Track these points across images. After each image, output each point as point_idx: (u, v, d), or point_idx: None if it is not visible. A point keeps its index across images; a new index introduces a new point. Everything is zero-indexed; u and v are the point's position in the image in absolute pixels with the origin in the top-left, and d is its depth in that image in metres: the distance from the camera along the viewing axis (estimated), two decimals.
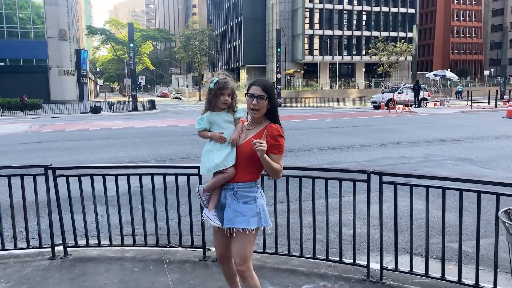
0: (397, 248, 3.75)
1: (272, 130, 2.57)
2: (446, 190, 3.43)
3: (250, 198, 2.66)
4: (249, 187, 2.67)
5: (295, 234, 4.83)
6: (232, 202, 2.66)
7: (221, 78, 2.63)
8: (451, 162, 9.17)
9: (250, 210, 2.63)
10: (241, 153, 2.66)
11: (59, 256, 4.37)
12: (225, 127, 2.70)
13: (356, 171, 3.74)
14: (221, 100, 2.62)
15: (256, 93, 2.59)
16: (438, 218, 5.07)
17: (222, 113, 2.68)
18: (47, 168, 4.23)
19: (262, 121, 2.69)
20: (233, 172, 2.65)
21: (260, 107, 2.60)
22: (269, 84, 2.64)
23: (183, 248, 4.37)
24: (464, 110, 26.06)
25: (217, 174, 2.68)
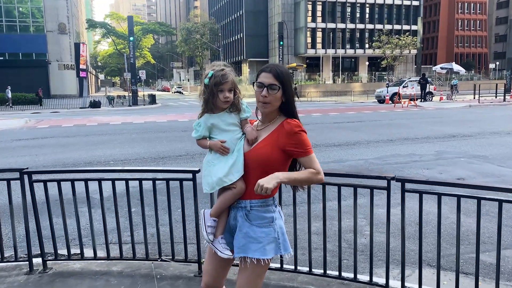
0: (422, 264, 3.25)
1: (291, 127, 2.05)
2: (472, 199, 2.92)
3: (267, 219, 2.11)
4: (265, 205, 2.12)
5: (302, 243, 4.36)
6: (243, 225, 2.12)
7: (217, 71, 2.10)
8: (465, 160, 8.65)
9: (266, 235, 2.08)
10: (252, 161, 2.09)
11: (37, 270, 3.89)
12: (228, 131, 2.16)
13: (374, 177, 3.23)
14: (220, 98, 2.09)
15: (266, 82, 2.06)
16: (466, 228, 4.56)
17: (224, 114, 2.16)
18: (23, 172, 3.74)
19: (275, 118, 2.15)
20: (243, 186, 2.10)
21: (272, 99, 2.06)
22: (284, 71, 2.10)
23: (176, 262, 3.88)
24: (472, 104, 25.44)
25: (223, 191, 2.15)
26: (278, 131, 2.08)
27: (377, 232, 4.67)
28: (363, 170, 7.78)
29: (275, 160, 2.06)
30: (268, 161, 2.04)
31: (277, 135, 2.07)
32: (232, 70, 2.16)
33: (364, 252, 4.37)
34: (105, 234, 3.86)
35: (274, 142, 2.07)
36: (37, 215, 3.83)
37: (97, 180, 3.75)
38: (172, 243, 3.83)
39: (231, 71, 2.14)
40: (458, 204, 2.95)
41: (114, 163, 9.14)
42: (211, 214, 2.17)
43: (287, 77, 2.10)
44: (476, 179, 7.11)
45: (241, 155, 2.10)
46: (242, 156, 2.10)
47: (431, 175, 7.43)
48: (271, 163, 2.04)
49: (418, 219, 3.13)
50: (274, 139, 2.07)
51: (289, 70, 2.20)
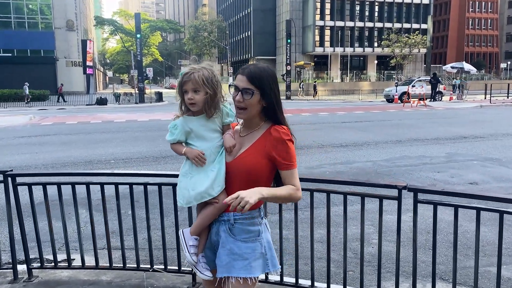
0: (435, 278, 2.96)
1: (280, 134, 1.82)
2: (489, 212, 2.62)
3: (253, 233, 1.91)
4: (250, 218, 1.91)
5: (304, 251, 4.09)
6: (227, 240, 1.90)
7: (186, 71, 1.88)
8: (478, 163, 8.29)
9: (252, 251, 1.88)
10: (236, 170, 1.87)
11: (22, 278, 3.66)
12: (208, 138, 1.92)
13: (384, 186, 2.93)
14: (185, 99, 1.89)
15: (240, 85, 1.82)
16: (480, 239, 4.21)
17: (202, 118, 1.91)
18: (6, 174, 3.50)
19: (260, 124, 1.92)
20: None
21: (247, 104, 1.83)
22: (262, 72, 1.83)
23: (168, 273, 3.62)
24: (483, 104, 24.91)
25: (204, 206, 1.93)
26: (265, 138, 1.86)
27: (384, 240, 4.38)
28: (371, 178, 7.47)
29: (262, 170, 1.86)
30: (254, 171, 1.84)
31: (264, 142, 1.86)
32: (205, 68, 1.89)
33: (371, 262, 4.08)
34: (93, 242, 3.60)
35: (261, 150, 1.85)
36: (22, 220, 3.60)
37: (84, 184, 3.50)
38: (165, 252, 3.57)
39: (200, 69, 1.87)
40: (478, 217, 2.65)
41: (115, 162, 8.93)
42: (191, 232, 1.95)
43: (267, 80, 1.83)
44: (490, 183, 6.77)
45: (223, 166, 1.88)
46: (224, 168, 1.88)
47: (442, 179, 7.10)
48: (257, 173, 1.84)
49: (432, 232, 2.83)
50: (261, 147, 1.85)
51: (273, 70, 1.91)
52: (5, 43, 48.57)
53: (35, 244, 3.68)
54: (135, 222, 3.52)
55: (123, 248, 3.60)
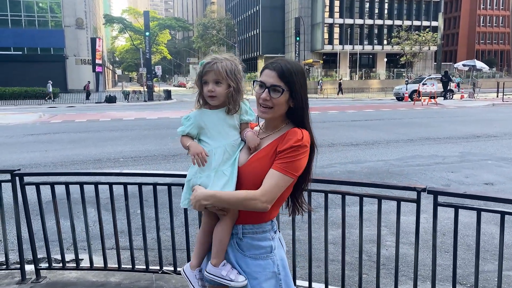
0: (456, 283, 2.84)
1: (293, 134, 1.61)
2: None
3: (264, 249, 1.69)
4: (261, 232, 1.69)
5: (316, 254, 3.99)
6: (235, 256, 1.71)
7: (207, 60, 1.71)
8: (493, 163, 8.11)
9: (263, 270, 1.67)
10: (247, 175, 1.65)
11: (30, 279, 3.61)
12: (224, 135, 1.72)
13: (402, 187, 2.81)
14: (204, 91, 1.70)
15: (268, 82, 1.61)
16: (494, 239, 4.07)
17: (221, 112, 1.72)
18: (14, 174, 3.44)
19: (281, 126, 1.72)
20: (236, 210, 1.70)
21: (275, 103, 1.62)
22: (293, 68, 1.63)
23: (178, 275, 3.54)
24: (495, 102, 24.54)
25: (215, 225, 1.74)
26: (279, 141, 1.64)
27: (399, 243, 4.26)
28: (384, 178, 7.33)
29: None
30: (263, 176, 1.60)
31: (277, 144, 1.64)
32: (230, 59, 1.72)
33: (385, 265, 3.97)
34: (102, 242, 3.54)
35: (273, 153, 1.63)
36: (30, 219, 3.55)
37: (93, 184, 3.43)
38: (174, 254, 3.49)
39: (223, 59, 1.70)
40: (502, 222, 2.52)
41: (123, 160, 8.89)
42: (215, 264, 1.70)
43: (298, 77, 1.63)
44: (506, 184, 6.60)
45: (236, 169, 1.68)
46: (236, 171, 1.68)
47: (456, 179, 6.94)
48: None
49: (453, 236, 2.71)
50: (273, 150, 1.64)
51: (304, 66, 1.70)
52: (16, 41, 48.98)
53: (43, 244, 3.62)
54: (144, 222, 3.44)
55: (132, 248, 3.53)
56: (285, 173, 1.59)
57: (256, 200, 1.56)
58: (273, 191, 1.58)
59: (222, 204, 1.61)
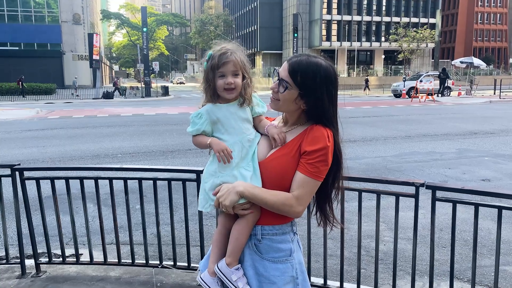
0: (453, 277, 2.87)
1: (319, 133, 1.52)
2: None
3: (283, 252, 1.61)
4: (281, 233, 1.61)
5: (315, 249, 4.02)
6: (252, 258, 1.62)
7: (216, 50, 1.60)
8: (490, 160, 8.16)
9: (281, 274, 1.59)
10: (269, 171, 1.56)
11: (30, 273, 3.62)
12: (239, 129, 1.62)
13: (401, 183, 2.84)
14: (220, 85, 1.58)
15: (280, 74, 1.55)
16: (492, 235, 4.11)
17: (234, 106, 1.63)
18: (14, 168, 3.45)
19: (300, 122, 1.62)
20: (259, 209, 1.58)
21: (280, 98, 1.56)
22: (308, 68, 1.52)
23: (178, 269, 3.56)
24: (492, 100, 24.62)
25: (234, 222, 1.62)
26: (302, 137, 1.55)
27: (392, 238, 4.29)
28: (385, 174, 7.36)
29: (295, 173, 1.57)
30: (287, 176, 1.53)
31: (300, 140, 1.55)
32: (239, 49, 1.63)
33: (383, 260, 4.00)
34: (102, 237, 3.55)
35: (296, 152, 1.54)
36: (30, 214, 3.55)
37: (93, 179, 3.44)
38: (174, 248, 3.51)
39: (236, 49, 1.61)
40: (499, 216, 2.55)
41: (122, 156, 8.89)
42: (229, 264, 1.60)
43: (315, 78, 1.51)
44: (503, 180, 6.65)
45: (257, 164, 1.58)
46: (258, 166, 1.57)
47: (454, 175, 6.98)
48: (290, 178, 1.53)
49: (451, 231, 2.74)
50: (296, 147, 1.55)
51: (330, 68, 1.57)
52: (12, 36, 48.70)
53: (43, 238, 3.64)
54: (144, 217, 3.46)
55: (132, 243, 3.55)
56: (316, 178, 1.52)
57: (293, 207, 1.52)
58: (308, 198, 1.54)
59: (258, 201, 1.52)
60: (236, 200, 1.51)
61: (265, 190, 1.53)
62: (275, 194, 1.52)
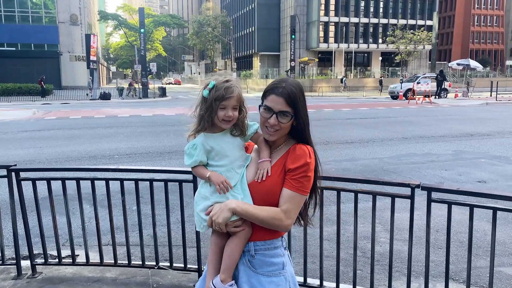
0: (448, 278, 2.88)
1: (301, 151, 1.64)
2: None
3: (276, 266, 1.68)
4: (273, 248, 1.69)
5: (311, 250, 4.03)
6: (247, 274, 1.68)
7: (221, 82, 1.66)
8: (486, 161, 8.19)
9: (276, 287, 1.66)
10: (258, 191, 1.66)
11: (25, 274, 3.61)
12: (231, 156, 1.71)
13: (396, 184, 2.85)
14: (219, 115, 1.66)
15: (276, 108, 1.64)
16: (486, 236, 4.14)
17: (226, 135, 1.73)
18: (10, 169, 3.44)
19: (283, 143, 1.74)
20: (250, 227, 1.66)
21: (282, 127, 1.66)
22: (297, 91, 1.67)
23: (174, 270, 3.56)
24: (489, 101, 24.72)
25: (227, 241, 1.69)
26: (285, 157, 1.68)
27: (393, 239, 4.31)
28: (379, 175, 7.38)
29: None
30: (274, 194, 1.63)
31: (284, 160, 1.67)
32: (238, 81, 1.73)
33: (379, 261, 4.02)
34: (98, 238, 3.55)
35: (282, 170, 1.66)
36: (26, 215, 3.54)
37: (89, 180, 3.44)
38: (170, 250, 3.51)
39: (237, 83, 1.70)
40: (494, 217, 2.57)
41: (118, 157, 8.88)
42: (223, 280, 1.66)
43: (301, 99, 1.67)
44: (499, 182, 6.68)
45: (246, 185, 1.68)
46: (247, 187, 1.68)
47: (450, 176, 7.01)
48: (277, 196, 1.63)
49: (446, 232, 2.75)
50: (281, 167, 1.67)
51: (301, 84, 1.75)
52: (9, 37, 48.57)
53: (39, 239, 3.63)
54: (140, 218, 3.46)
55: (128, 244, 3.55)
56: (301, 192, 1.63)
57: (282, 221, 1.61)
58: (295, 211, 1.64)
59: (249, 217, 1.61)
60: (229, 217, 1.59)
61: (255, 206, 1.62)
62: (265, 209, 1.61)
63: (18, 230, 3.57)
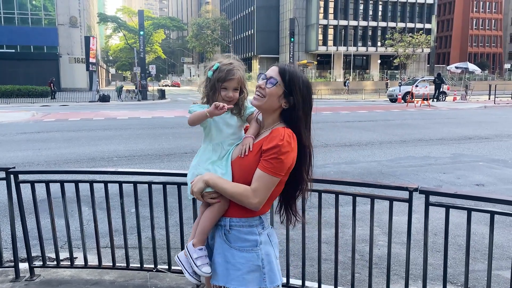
0: (446, 281, 2.89)
1: (276, 133, 1.69)
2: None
3: (249, 242, 1.77)
4: (248, 226, 1.78)
5: (310, 253, 4.03)
6: (223, 247, 1.80)
7: (224, 64, 1.79)
8: (484, 164, 8.21)
9: (246, 261, 1.75)
10: (236, 170, 1.76)
11: (24, 277, 3.61)
12: (224, 133, 1.83)
13: (394, 187, 2.86)
14: (221, 96, 1.79)
15: (269, 74, 1.76)
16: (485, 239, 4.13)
17: (226, 113, 1.82)
18: (9, 171, 3.44)
19: (273, 125, 1.79)
20: (227, 200, 1.77)
21: (267, 93, 1.72)
22: (294, 73, 1.74)
23: (172, 273, 3.56)
24: (487, 105, 24.78)
25: (204, 210, 1.83)
26: (265, 139, 1.73)
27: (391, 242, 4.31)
28: (377, 178, 7.39)
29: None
30: (250, 172, 1.71)
31: (263, 142, 1.73)
32: (241, 65, 1.85)
33: (377, 264, 4.02)
34: (96, 241, 3.55)
35: (259, 150, 1.72)
36: (24, 217, 3.54)
37: (88, 182, 3.44)
38: (169, 252, 3.51)
39: (240, 66, 1.82)
40: (492, 221, 2.58)
41: (117, 159, 8.88)
42: (195, 244, 1.81)
43: (298, 81, 1.73)
44: (497, 185, 6.69)
45: (229, 163, 1.79)
46: (230, 165, 1.79)
47: (448, 180, 7.02)
48: (253, 173, 1.71)
49: (444, 235, 2.76)
50: (259, 147, 1.73)
51: (309, 80, 1.81)
52: (9, 39, 48.58)
53: (37, 242, 3.63)
54: (139, 221, 3.46)
55: (127, 247, 3.54)
56: (271, 173, 1.67)
57: (249, 199, 1.68)
58: (263, 191, 1.69)
59: (219, 190, 1.71)
60: (203, 188, 1.72)
61: (227, 181, 1.73)
62: (235, 185, 1.71)
63: (16, 233, 3.57)
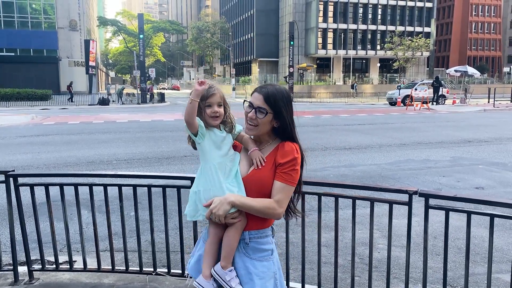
0: (446, 284, 2.88)
1: (289, 148, 1.85)
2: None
3: (266, 252, 1.90)
4: (265, 236, 1.90)
5: (309, 256, 4.02)
6: (243, 260, 1.88)
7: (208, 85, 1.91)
8: (484, 168, 8.21)
9: (267, 270, 1.88)
10: (251, 184, 1.86)
11: (23, 280, 3.59)
12: (223, 150, 1.90)
13: (394, 190, 2.86)
14: (207, 113, 1.87)
15: (255, 103, 1.85)
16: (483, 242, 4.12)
17: (215, 129, 1.92)
18: (8, 174, 3.44)
19: (270, 140, 1.94)
20: (245, 217, 1.86)
21: (259, 122, 1.85)
22: (278, 94, 1.85)
23: (172, 277, 3.55)
24: (487, 108, 24.81)
25: (225, 231, 1.87)
26: (275, 152, 1.87)
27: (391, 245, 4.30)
28: (377, 181, 7.38)
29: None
30: (266, 184, 1.83)
31: (275, 155, 1.86)
32: (218, 85, 1.96)
33: (377, 268, 4.01)
34: (95, 244, 3.54)
35: (273, 165, 1.85)
36: (23, 221, 3.54)
37: (87, 185, 3.44)
38: (168, 256, 3.50)
39: (217, 86, 1.93)
40: (492, 224, 2.57)
41: (117, 162, 8.87)
42: (224, 267, 1.85)
43: (282, 101, 1.84)
44: (496, 188, 6.69)
45: (241, 180, 1.86)
46: (242, 182, 1.86)
47: (448, 183, 7.02)
48: (269, 187, 1.83)
49: (444, 239, 2.76)
50: (272, 161, 1.86)
51: (289, 92, 1.95)
52: (8, 42, 48.64)
53: (36, 245, 3.62)
54: (138, 224, 3.45)
55: (126, 250, 3.54)
56: (290, 183, 1.83)
57: (276, 210, 1.80)
58: (286, 201, 1.84)
59: (246, 208, 1.79)
60: (229, 210, 1.77)
61: (251, 198, 1.81)
62: (259, 201, 1.80)
63: (15, 236, 3.57)
